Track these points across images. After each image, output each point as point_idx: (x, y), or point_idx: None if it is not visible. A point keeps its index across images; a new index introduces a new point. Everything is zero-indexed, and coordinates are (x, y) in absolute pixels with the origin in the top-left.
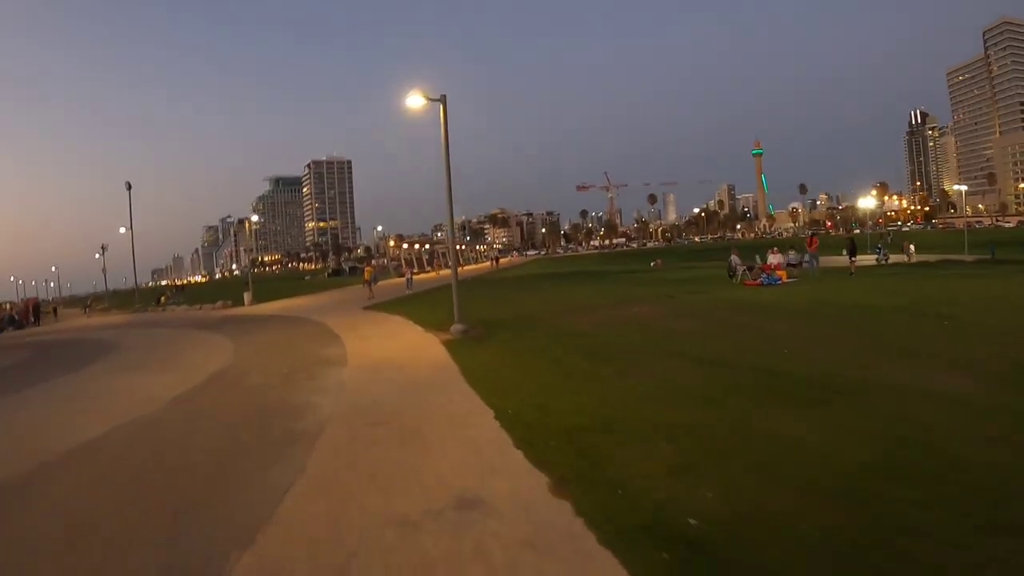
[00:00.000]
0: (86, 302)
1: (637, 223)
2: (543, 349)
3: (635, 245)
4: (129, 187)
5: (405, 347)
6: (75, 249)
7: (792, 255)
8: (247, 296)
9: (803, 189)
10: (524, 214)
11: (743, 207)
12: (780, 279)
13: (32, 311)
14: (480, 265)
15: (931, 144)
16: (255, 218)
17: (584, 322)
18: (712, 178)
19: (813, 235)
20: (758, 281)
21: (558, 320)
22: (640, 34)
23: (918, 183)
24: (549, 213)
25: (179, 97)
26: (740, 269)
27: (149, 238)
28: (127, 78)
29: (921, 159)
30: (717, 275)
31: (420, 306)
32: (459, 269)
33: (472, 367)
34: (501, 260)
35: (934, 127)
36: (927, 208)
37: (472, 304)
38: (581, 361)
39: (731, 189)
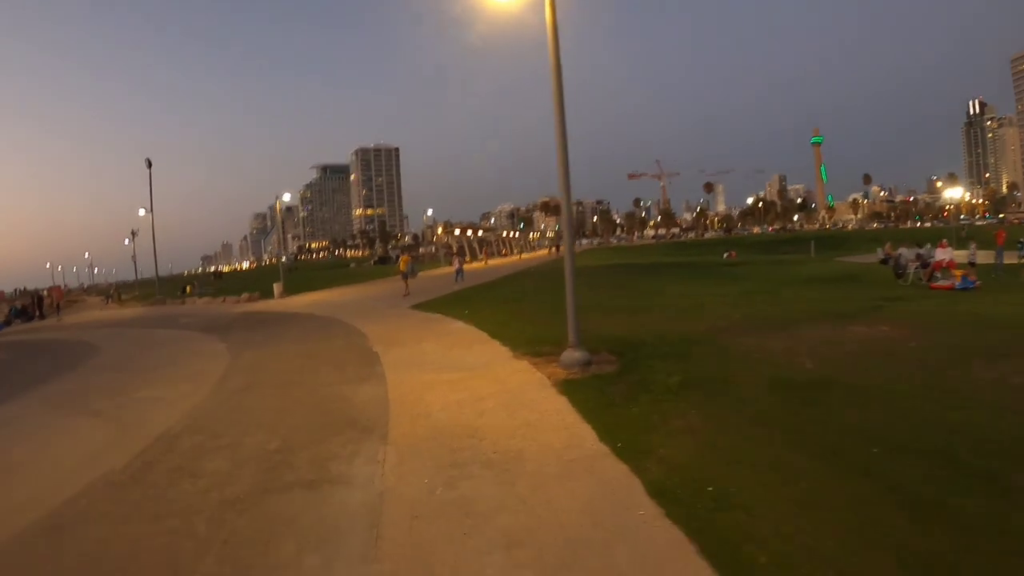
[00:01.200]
0: (108, 291)
1: (695, 212)
2: (789, 423)
3: (692, 235)
4: (149, 164)
5: (492, 395)
6: (119, 234)
7: (974, 249)
8: (277, 288)
9: (867, 179)
10: (574, 202)
11: (798, 197)
12: (974, 282)
13: (36, 303)
14: (536, 253)
15: (990, 136)
16: (287, 197)
17: (800, 352)
18: (766, 167)
19: (1001, 227)
20: (949, 284)
21: (738, 344)
22: (688, 18)
23: (987, 175)
24: (599, 201)
25: (229, 84)
26: (912, 267)
27: (199, 224)
28: (175, 63)
29: (979, 150)
30: (860, 272)
31: (483, 306)
32: (517, 258)
33: (680, 485)
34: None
35: (992, 117)
36: (988, 201)
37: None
38: (954, 489)
39: (782, 180)
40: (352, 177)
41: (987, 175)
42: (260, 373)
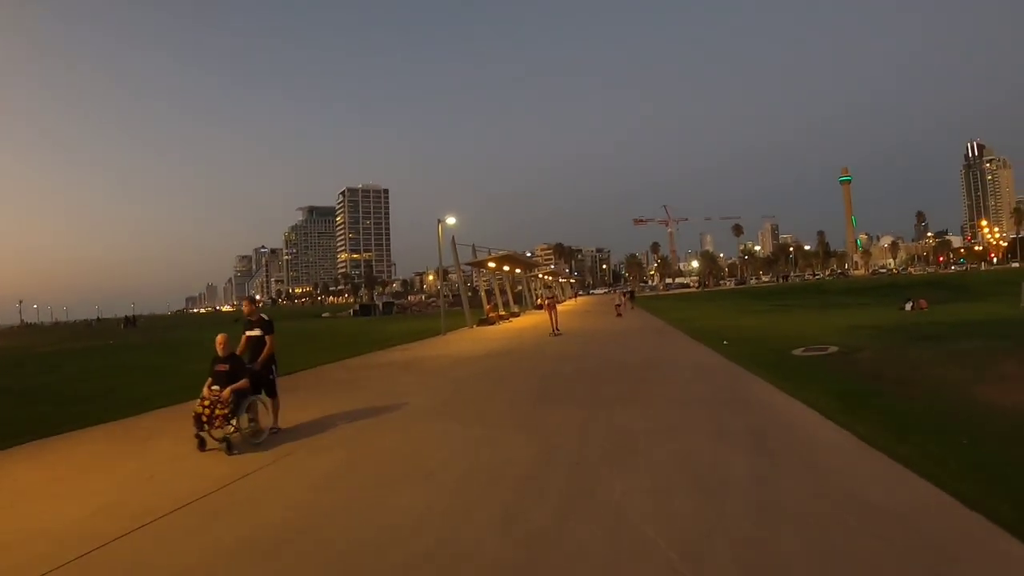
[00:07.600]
0: None
1: (746, 256)
2: None
3: (729, 283)
4: None
5: None
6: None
7: None
8: None
9: (921, 217)
10: (574, 249)
11: (791, 245)
12: None
13: None
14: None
15: (989, 177)
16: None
17: None
18: (770, 213)
19: None
20: None
21: None
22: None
23: (983, 221)
24: (599, 249)
25: (217, 123)
26: None
27: (185, 268)
28: (165, 102)
29: (979, 193)
30: None
31: None
32: (557, 306)
33: None
34: (565, 299)
35: (991, 160)
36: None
37: None
38: None
39: (774, 228)
40: (338, 219)
41: (984, 220)
42: None
